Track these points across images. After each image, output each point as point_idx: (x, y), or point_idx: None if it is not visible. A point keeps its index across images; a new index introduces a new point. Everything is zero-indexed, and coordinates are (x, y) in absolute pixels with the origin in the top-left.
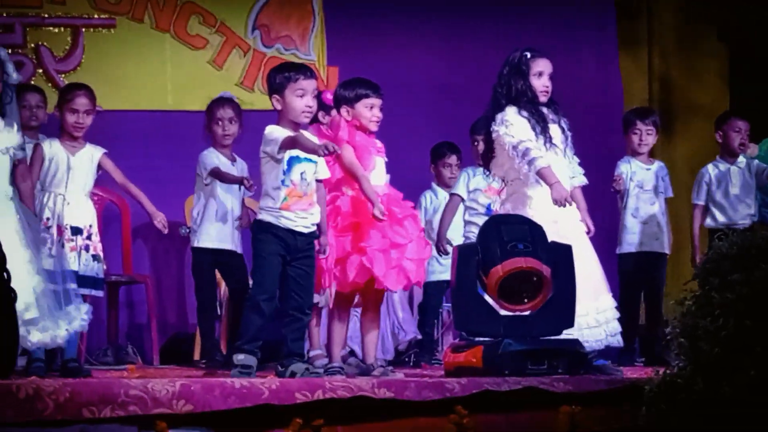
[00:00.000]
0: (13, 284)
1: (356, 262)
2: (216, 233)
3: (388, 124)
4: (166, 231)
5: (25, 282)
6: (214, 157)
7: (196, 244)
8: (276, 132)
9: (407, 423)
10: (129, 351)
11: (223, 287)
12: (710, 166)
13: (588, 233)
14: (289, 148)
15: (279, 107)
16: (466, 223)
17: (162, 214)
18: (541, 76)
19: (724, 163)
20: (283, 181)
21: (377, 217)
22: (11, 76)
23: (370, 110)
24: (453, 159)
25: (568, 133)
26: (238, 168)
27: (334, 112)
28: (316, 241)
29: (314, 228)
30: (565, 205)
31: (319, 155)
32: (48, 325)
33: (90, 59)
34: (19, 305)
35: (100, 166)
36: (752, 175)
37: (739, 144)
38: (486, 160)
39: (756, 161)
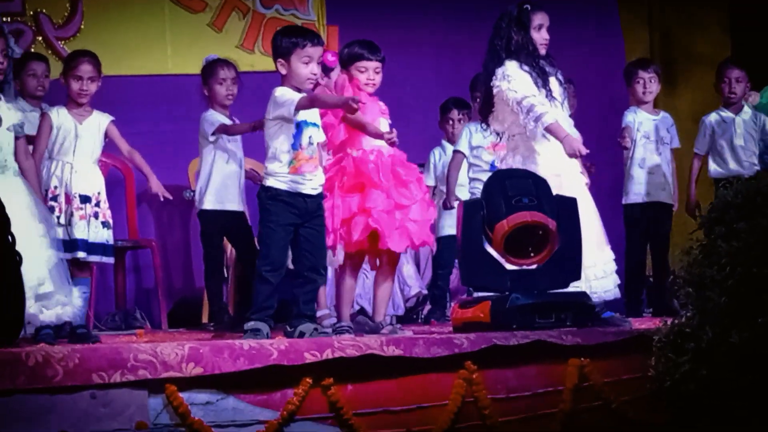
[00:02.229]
0: (27, 259)
1: (361, 223)
2: (222, 195)
3: (391, 82)
4: (162, 198)
5: (39, 257)
6: (218, 117)
7: (202, 207)
8: (289, 94)
9: (417, 380)
10: (137, 316)
11: (229, 249)
12: (713, 116)
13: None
14: (306, 108)
15: (284, 72)
16: (471, 179)
17: (162, 187)
18: (540, 29)
19: (728, 112)
20: (293, 145)
21: (392, 141)
22: (14, 51)
23: (363, 73)
24: (455, 114)
25: (565, 86)
26: None
27: (333, 73)
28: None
29: (321, 189)
30: (579, 156)
31: (346, 110)
32: (61, 299)
33: (89, 25)
34: (33, 279)
35: (106, 134)
36: (757, 125)
37: (729, 92)
38: (484, 114)
39: (763, 115)
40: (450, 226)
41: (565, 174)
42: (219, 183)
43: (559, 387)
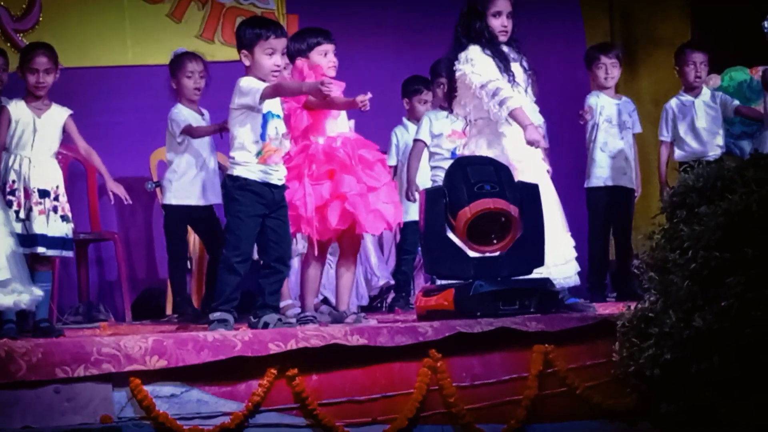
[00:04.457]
0: None
1: (338, 209)
2: (190, 189)
3: (350, 68)
4: (127, 201)
5: None
6: (186, 114)
7: (167, 201)
8: (254, 83)
9: (382, 369)
10: (100, 308)
11: (191, 241)
12: (673, 101)
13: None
14: (271, 98)
15: (247, 63)
16: (432, 167)
17: (121, 186)
18: (498, 16)
19: (688, 97)
20: (261, 135)
21: (363, 103)
22: None
23: (325, 57)
24: (429, 96)
25: (530, 72)
26: (207, 120)
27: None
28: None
29: (285, 180)
30: (538, 146)
31: (319, 95)
32: (17, 287)
33: (48, 17)
34: None
35: (64, 128)
36: (717, 106)
37: (695, 77)
38: (450, 100)
39: (720, 93)
40: (413, 211)
41: (526, 160)
42: (188, 177)
43: (524, 374)
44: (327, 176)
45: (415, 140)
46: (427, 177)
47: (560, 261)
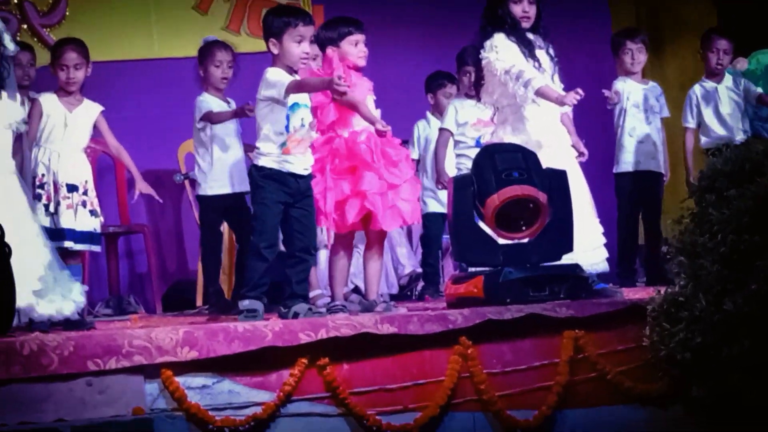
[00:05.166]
0: (23, 257)
1: (356, 205)
2: (221, 179)
3: (375, 61)
4: (158, 200)
5: (35, 255)
6: (210, 101)
7: (201, 193)
8: (280, 76)
9: (412, 357)
10: (131, 301)
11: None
12: (696, 87)
13: (581, 156)
14: (295, 92)
15: (275, 51)
16: (457, 156)
17: (150, 187)
18: (519, 2)
19: (710, 82)
20: (286, 127)
21: (381, 131)
22: (8, 48)
23: (355, 47)
24: (454, 89)
25: (556, 60)
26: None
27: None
28: None
29: (310, 169)
30: (576, 101)
31: (334, 91)
32: (54, 298)
33: (74, 12)
34: (28, 277)
35: (95, 125)
36: (740, 92)
37: (716, 63)
38: (478, 88)
39: (744, 79)
40: (433, 204)
41: (552, 144)
42: (218, 167)
43: (555, 360)
44: (349, 172)
45: (441, 129)
46: (451, 165)
47: (588, 247)
